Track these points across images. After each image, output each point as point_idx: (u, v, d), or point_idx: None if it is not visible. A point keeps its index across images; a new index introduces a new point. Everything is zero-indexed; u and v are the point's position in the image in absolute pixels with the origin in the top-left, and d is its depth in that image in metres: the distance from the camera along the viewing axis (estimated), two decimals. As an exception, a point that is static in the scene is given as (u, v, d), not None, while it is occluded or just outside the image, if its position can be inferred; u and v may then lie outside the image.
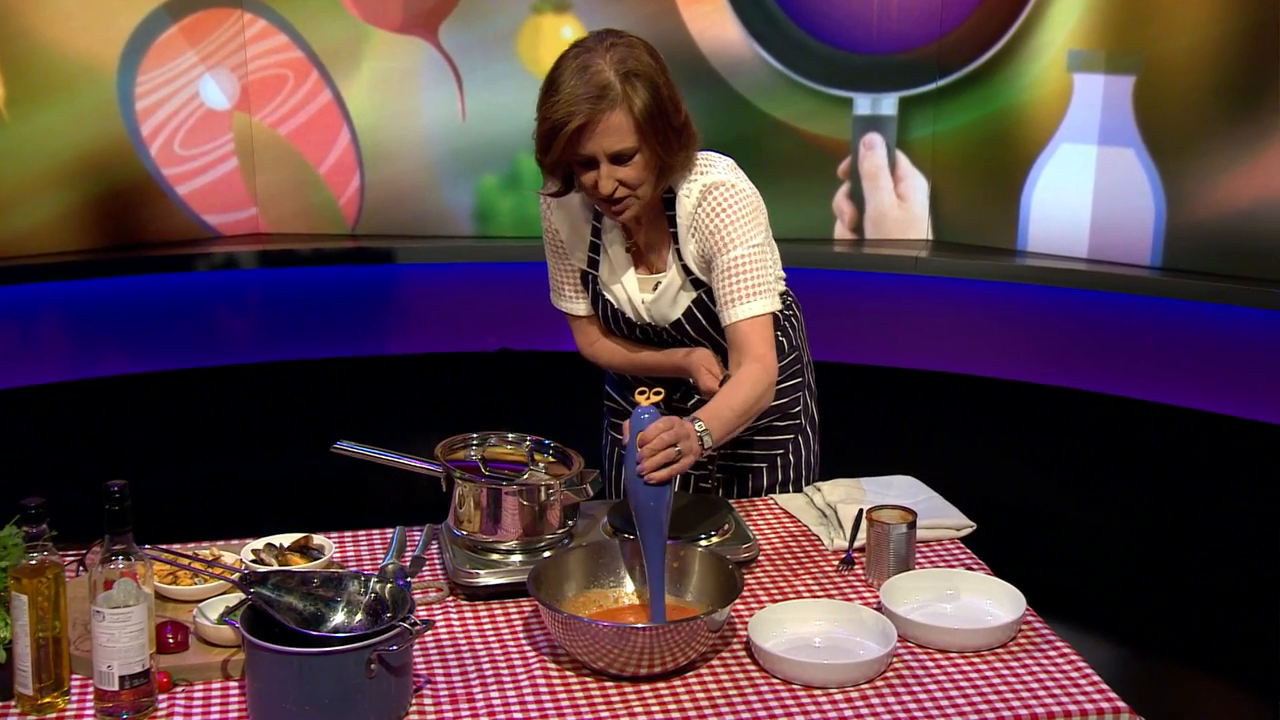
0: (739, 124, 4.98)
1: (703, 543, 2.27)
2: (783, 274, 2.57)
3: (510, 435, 2.38)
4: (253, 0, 4.97)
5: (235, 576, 1.92)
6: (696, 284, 2.45)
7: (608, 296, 2.53)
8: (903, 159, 5.06)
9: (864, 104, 5.05)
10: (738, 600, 2.05)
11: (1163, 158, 4.65)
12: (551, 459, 2.35)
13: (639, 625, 1.93)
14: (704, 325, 2.48)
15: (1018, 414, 5.02)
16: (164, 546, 1.93)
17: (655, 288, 2.48)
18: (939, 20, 4.93)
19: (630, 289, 2.50)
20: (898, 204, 5.09)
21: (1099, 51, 4.70)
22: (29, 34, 4.67)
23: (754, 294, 2.35)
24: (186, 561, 1.94)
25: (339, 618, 1.92)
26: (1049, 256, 4.85)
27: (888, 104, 5.04)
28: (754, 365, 2.33)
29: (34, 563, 1.83)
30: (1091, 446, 4.90)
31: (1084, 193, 4.80)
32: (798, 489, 2.68)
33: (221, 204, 5.08)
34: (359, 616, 1.92)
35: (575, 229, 2.52)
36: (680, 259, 2.44)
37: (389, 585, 1.93)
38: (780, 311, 2.52)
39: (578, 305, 2.59)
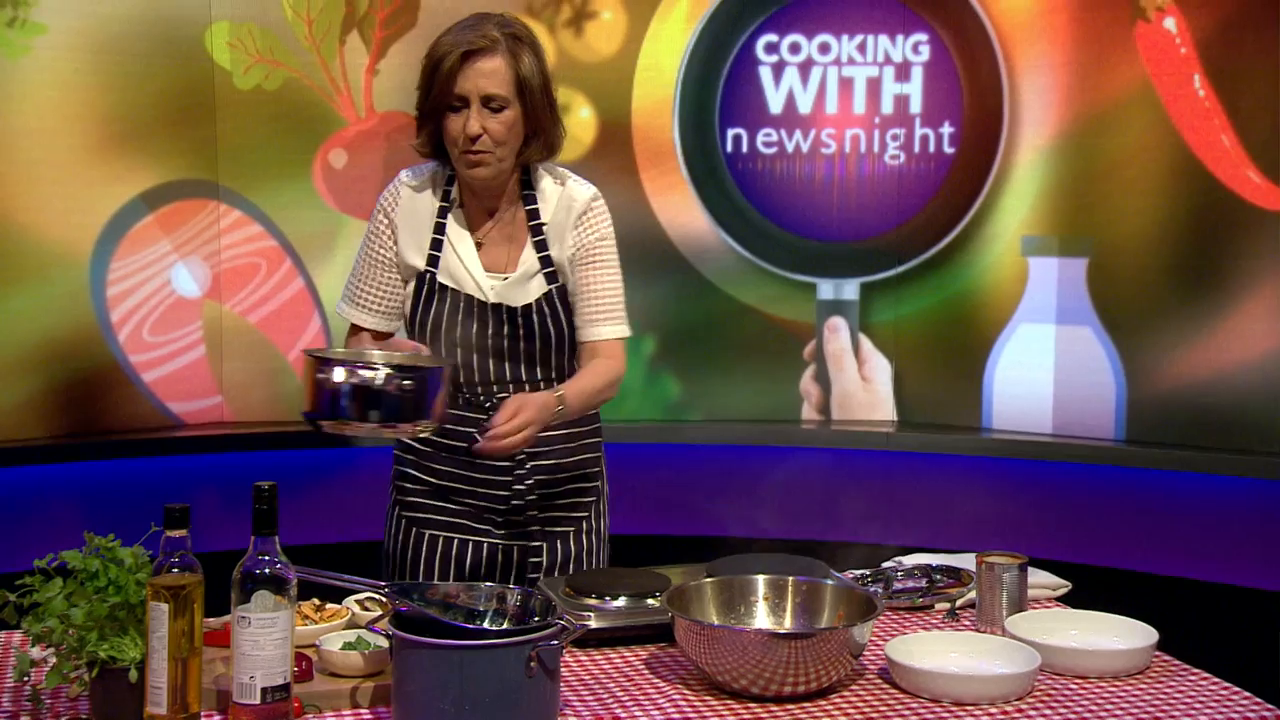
0: (707, 308, 5.08)
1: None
2: None
3: None
4: (230, 192, 5.01)
5: (383, 590, 1.85)
6: (551, 278, 2.53)
7: (451, 285, 2.52)
8: (866, 342, 5.19)
9: (827, 289, 5.21)
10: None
11: (1119, 335, 4.82)
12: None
13: (784, 632, 1.89)
14: (548, 317, 2.52)
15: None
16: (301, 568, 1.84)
17: (505, 279, 2.52)
18: (896, 210, 5.14)
19: (477, 275, 2.52)
20: (863, 386, 5.20)
21: (1051, 237, 4.93)
22: (4, 219, 4.65)
23: (620, 319, 2.56)
24: (330, 583, 1.86)
25: (487, 626, 1.85)
26: (1014, 433, 4.96)
27: (850, 289, 5.20)
28: (610, 361, 2.53)
29: (175, 571, 1.75)
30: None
31: (1045, 370, 4.95)
32: (597, 560, 2.65)
33: (186, 392, 5.00)
34: (505, 624, 1.86)
35: (419, 227, 2.54)
36: (541, 250, 2.52)
37: (532, 596, 1.88)
38: None
39: (367, 318, 2.58)
